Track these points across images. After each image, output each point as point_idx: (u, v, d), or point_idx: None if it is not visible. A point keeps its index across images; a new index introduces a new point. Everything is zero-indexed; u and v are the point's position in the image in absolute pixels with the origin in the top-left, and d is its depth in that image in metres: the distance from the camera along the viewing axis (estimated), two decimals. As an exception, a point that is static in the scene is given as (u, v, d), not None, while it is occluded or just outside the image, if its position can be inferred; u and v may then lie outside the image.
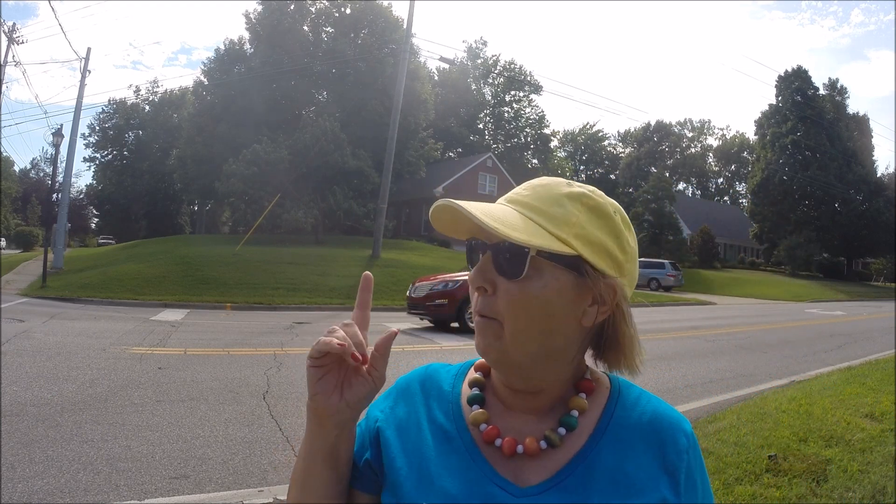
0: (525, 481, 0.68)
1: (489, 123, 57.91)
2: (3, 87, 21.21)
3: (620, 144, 74.72)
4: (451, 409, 0.76)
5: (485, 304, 0.68)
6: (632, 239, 0.71)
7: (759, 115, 46.64)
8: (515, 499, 0.67)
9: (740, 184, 70.26)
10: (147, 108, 56.29)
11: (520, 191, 0.72)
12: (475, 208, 0.66)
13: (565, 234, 0.66)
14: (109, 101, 55.45)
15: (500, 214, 0.66)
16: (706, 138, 74.42)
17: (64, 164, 23.70)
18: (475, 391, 0.76)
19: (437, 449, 0.72)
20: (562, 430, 0.70)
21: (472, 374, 0.79)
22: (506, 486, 0.68)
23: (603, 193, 0.72)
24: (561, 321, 0.68)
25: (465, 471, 0.70)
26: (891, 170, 55.76)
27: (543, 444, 0.69)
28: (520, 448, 0.69)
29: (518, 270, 0.66)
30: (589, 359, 0.75)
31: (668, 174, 59.95)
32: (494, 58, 57.31)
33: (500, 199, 0.72)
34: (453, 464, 0.70)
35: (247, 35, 35.14)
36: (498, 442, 0.70)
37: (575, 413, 0.71)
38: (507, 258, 0.66)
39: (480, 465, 0.70)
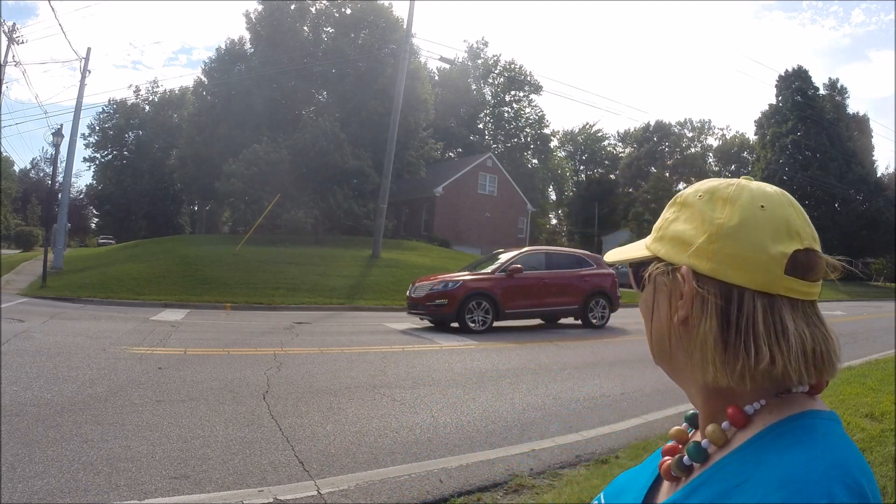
0: (659, 497, 0.69)
1: (489, 123, 57.89)
2: (3, 87, 21.23)
3: (620, 144, 74.71)
4: None
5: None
6: (726, 211, 0.64)
7: (759, 115, 46.72)
8: None
9: (740, 184, 70.09)
10: (147, 108, 56.28)
11: (669, 209, 0.75)
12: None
13: (651, 239, 0.72)
14: (109, 101, 55.45)
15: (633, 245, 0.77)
16: (706, 138, 74.38)
17: (64, 164, 23.73)
18: (692, 410, 0.74)
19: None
20: (686, 460, 0.64)
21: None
22: (647, 497, 0.70)
23: (716, 182, 0.69)
24: (663, 322, 0.68)
25: (640, 480, 0.74)
26: (891, 170, 55.67)
27: (673, 472, 0.66)
28: (662, 469, 0.70)
29: (637, 283, 0.74)
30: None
31: (668, 174, 59.99)
32: (495, 58, 57.35)
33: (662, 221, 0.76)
34: (638, 475, 0.76)
35: (247, 35, 35.17)
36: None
37: (705, 443, 0.63)
38: (638, 275, 0.73)
39: (651, 480, 0.72)
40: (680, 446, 0.72)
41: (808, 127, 41.90)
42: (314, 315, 12.81)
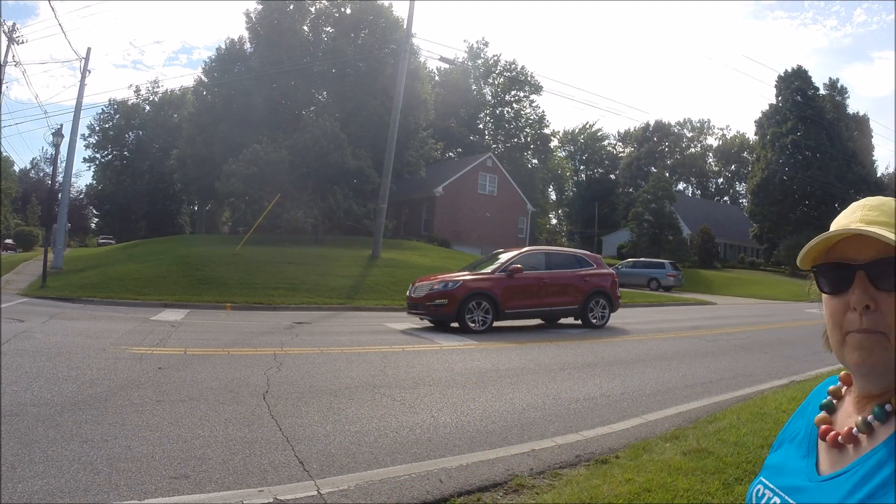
0: (826, 471, 0.77)
1: (489, 123, 57.91)
2: (3, 87, 21.23)
3: (620, 144, 74.77)
4: (815, 413, 0.88)
5: (870, 321, 0.73)
6: None
7: (759, 115, 46.72)
8: (808, 483, 0.78)
9: (740, 184, 70.27)
10: (147, 108, 56.34)
11: (865, 213, 0.77)
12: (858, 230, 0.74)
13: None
14: (110, 101, 55.59)
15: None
16: (706, 138, 74.50)
17: (64, 164, 23.75)
18: (827, 399, 0.87)
19: (795, 443, 0.88)
20: (870, 418, 0.74)
21: (833, 387, 0.89)
22: (810, 474, 0.79)
23: None
24: None
25: (800, 459, 0.83)
26: (891, 170, 55.69)
27: (855, 431, 0.75)
28: (840, 438, 0.77)
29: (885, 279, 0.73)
30: None
31: (668, 174, 59.97)
32: (495, 58, 57.39)
33: (852, 222, 0.77)
34: (799, 454, 0.85)
35: (247, 35, 35.19)
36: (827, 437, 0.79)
37: (889, 406, 0.74)
38: (891, 270, 0.72)
39: (812, 457, 0.82)
40: (832, 420, 0.83)
41: (808, 127, 41.89)
42: (314, 315, 12.81)
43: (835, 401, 0.87)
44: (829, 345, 0.89)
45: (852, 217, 0.77)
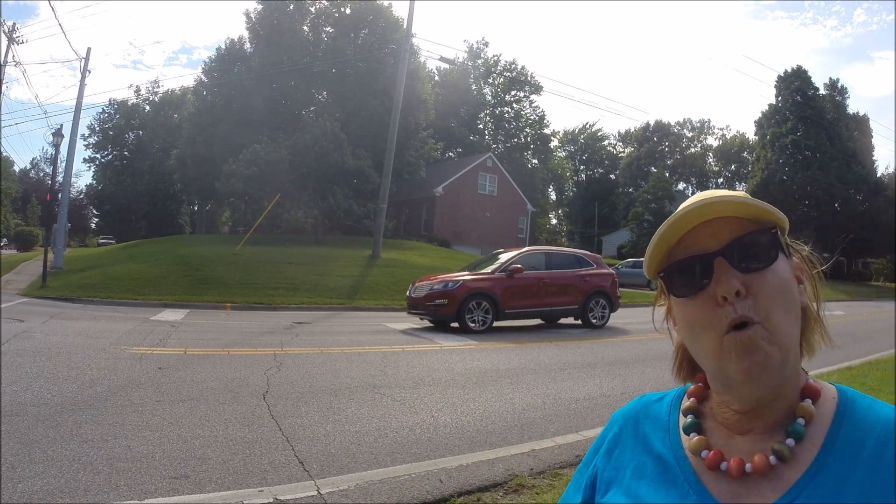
0: None
1: (489, 123, 57.88)
2: (3, 87, 21.22)
3: (620, 144, 74.73)
4: (668, 439, 0.73)
5: (745, 307, 0.63)
6: None
7: (759, 115, 46.68)
8: None
9: (740, 184, 70.18)
10: (147, 108, 56.30)
11: (709, 195, 0.69)
12: (706, 197, 0.66)
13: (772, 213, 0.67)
14: (110, 101, 55.55)
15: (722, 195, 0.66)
16: (706, 138, 74.43)
17: (64, 164, 23.74)
18: (691, 419, 0.72)
19: (655, 479, 0.70)
20: (790, 442, 0.64)
21: (687, 402, 0.75)
22: None
23: None
24: (796, 306, 0.66)
25: (682, 499, 0.66)
26: (891, 170, 55.77)
27: (773, 460, 0.63)
28: (748, 467, 0.64)
29: (773, 253, 0.65)
30: None
31: (668, 174, 59.99)
32: (495, 58, 57.35)
33: (694, 208, 0.66)
34: (671, 493, 0.68)
35: (247, 35, 35.17)
36: (724, 466, 0.66)
37: (801, 421, 0.65)
38: (753, 249, 0.64)
39: (699, 493, 0.66)
40: (711, 445, 0.69)
41: (808, 127, 41.87)
42: (314, 315, 12.80)
43: (699, 420, 0.73)
44: (683, 374, 0.80)
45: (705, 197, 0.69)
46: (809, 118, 41.86)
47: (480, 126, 57.15)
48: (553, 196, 70.28)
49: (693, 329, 0.67)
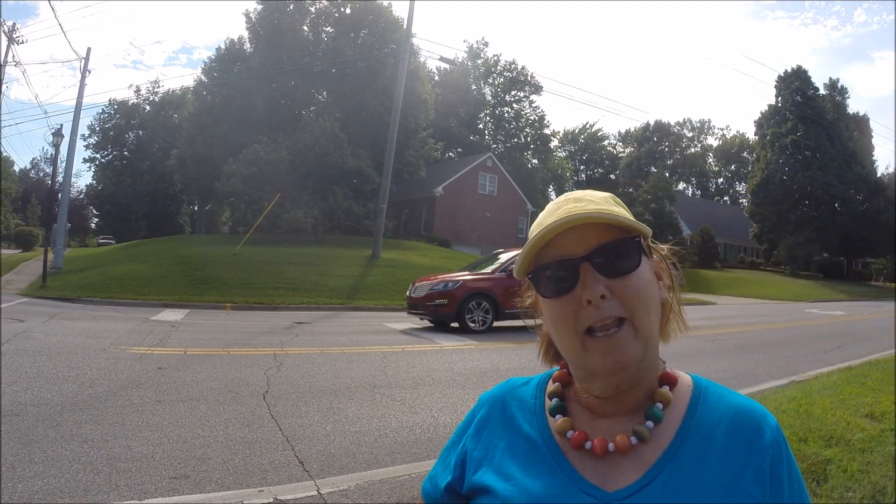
0: (614, 485, 0.68)
1: (489, 123, 57.90)
2: (3, 87, 21.22)
3: (620, 144, 74.74)
4: (535, 420, 0.78)
5: (610, 307, 0.67)
6: None
7: (759, 115, 46.60)
8: (603, 503, 0.68)
9: (740, 184, 70.23)
10: (147, 108, 56.28)
11: (571, 205, 0.73)
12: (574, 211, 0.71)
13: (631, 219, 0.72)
14: (110, 101, 55.52)
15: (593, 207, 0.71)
16: (706, 138, 74.45)
17: (64, 164, 23.73)
18: (555, 402, 0.78)
19: (524, 458, 0.74)
20: (649, 424, 0.71)
21: (552, 386, 0.82)
22: (593, 492, 0.68)
23: None
24: (657, 302, 0.72)
25: (551, 477, 0.71)
26: (891, 170, 55.78)
27: (634, 440, 0.70)
28: (611, 446, 0.70)
29: (636, 260, 0.69)
30: None
31: (668, 174, 59.97)
32: (495, 58, 57.36)
33: (564, 212, 0.71)
34: (540, 471, 0.72)
35: (247, 35, 35.15)
36: (588, 445, 0.71)
37: (660, 405, 0.72)
38: (616, 255, 0.69)
39: (567, 471, 0.71)
40: (575, 425, 0.74)
41: (808, 127, 41.83)
42: (314, 315, 12.80)
43: (564, 403, 0.78)
44: (549, 358, 0.86)
45: (558, 213, 0.72)
46: (809, 118, 41.83)
47: (480, 126, 57.16)
48: (553, 196, 70.29)
49: (557, 326, 0.72)
